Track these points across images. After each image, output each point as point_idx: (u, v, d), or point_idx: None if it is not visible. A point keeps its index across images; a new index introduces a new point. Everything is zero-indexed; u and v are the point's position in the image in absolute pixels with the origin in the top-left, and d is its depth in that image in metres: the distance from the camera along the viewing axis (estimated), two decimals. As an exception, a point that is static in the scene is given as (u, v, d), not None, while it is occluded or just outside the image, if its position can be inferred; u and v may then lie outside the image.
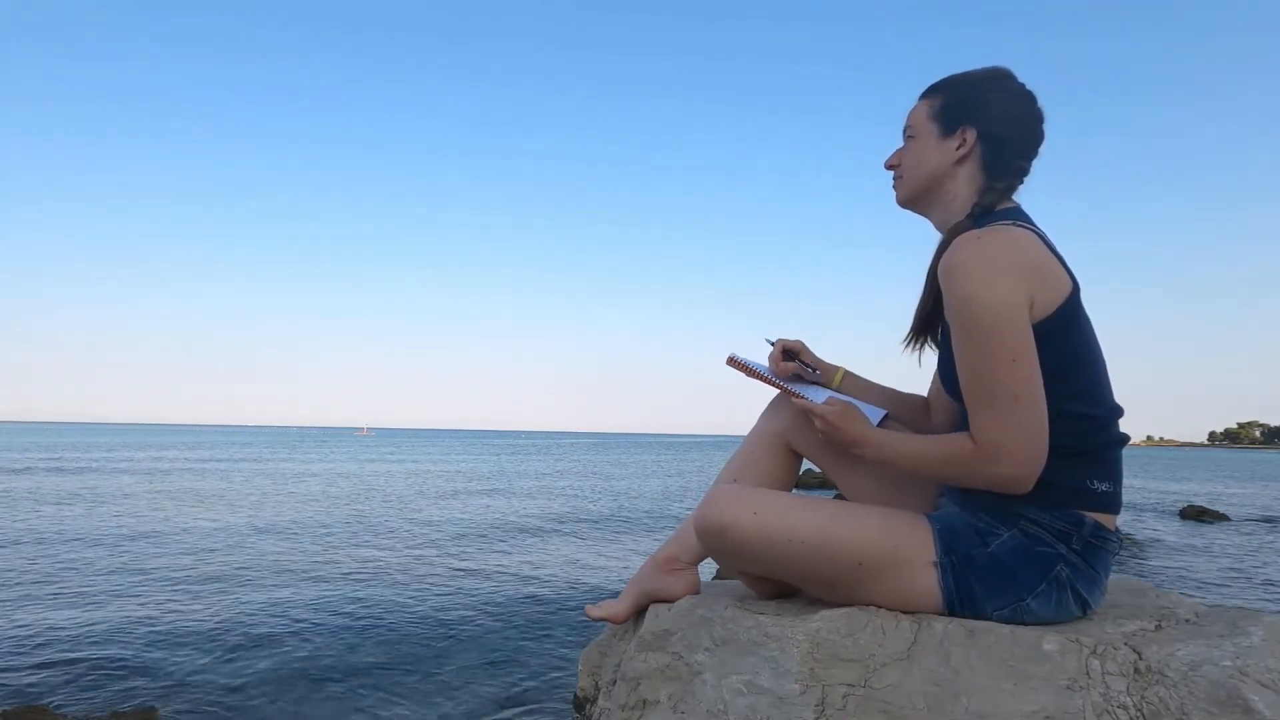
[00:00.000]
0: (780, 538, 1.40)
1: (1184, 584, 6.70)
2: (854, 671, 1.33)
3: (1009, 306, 1.27)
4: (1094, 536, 1.36)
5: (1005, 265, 1.29)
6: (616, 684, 1.60)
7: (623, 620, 1.74)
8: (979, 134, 1.47)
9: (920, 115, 1.53)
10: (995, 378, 1.28)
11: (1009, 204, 1.46)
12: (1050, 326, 1.32)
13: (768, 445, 1.69)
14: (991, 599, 1.36)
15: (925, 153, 1.51)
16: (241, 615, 4.72)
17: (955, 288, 1.30)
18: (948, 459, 1.35)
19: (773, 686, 1.35)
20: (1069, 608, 1.37)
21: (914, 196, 1.54)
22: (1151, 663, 1.22)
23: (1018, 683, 1.25)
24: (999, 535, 1.37)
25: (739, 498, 1.46)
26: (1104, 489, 1.37)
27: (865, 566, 1.39)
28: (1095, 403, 1.37)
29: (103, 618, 4.56)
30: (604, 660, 1.80)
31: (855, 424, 1.46)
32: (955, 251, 1.32)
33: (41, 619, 4.50)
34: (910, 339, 1.58)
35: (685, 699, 1.44)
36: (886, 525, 1.40)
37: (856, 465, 1.59)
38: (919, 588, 1.38)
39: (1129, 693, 1.20)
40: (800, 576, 1.46)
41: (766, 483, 1.67)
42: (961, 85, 1.50)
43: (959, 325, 1.31)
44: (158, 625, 4.42)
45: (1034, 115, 1.49)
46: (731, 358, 1.67)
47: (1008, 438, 1.28)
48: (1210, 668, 1.18)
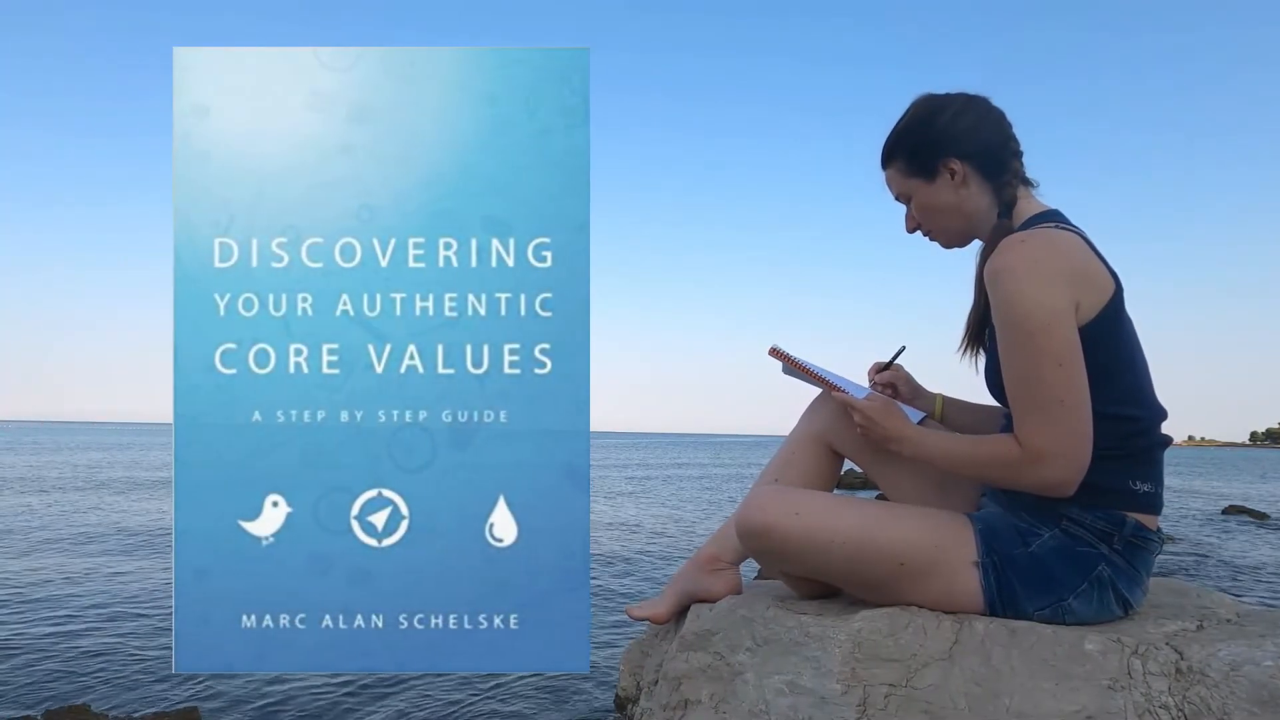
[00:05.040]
0: (821, 538, 1.41)
1: (1225, 584, 6.64)
2: (895, 671, 1.34)
3: (1054, 310, 1.27)
4: (1135, 536, 1.36)
5: (1050, 269, 1.29)
6: (658, 684, 1.62)
7: (664, 620, 1.73)
8: (958, 157, 1.47)
9: (898, 181, 1.54)
10: (1041, 382, 1.28)
11: (1046, 207, 1.47)
12: (1095, 329, 1.32)
13: (809, 445, 1.68)
14: (1033, 599, 1.36)
15: (931, 202, 1.51)
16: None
17: (1000, 292, 1.31)
18: (991, 461, 1.35)
19: (814, 686, 1.36)
20: (1110, 608, 1.37)
21: (953, 239, 1.56)
22: (1193, 663, 1.23)
23: (1059, 682, 1.25)
24: (1040, 535, 1.37)
25: (780, 498, 1.47)
26: (1146, 490, 1.38)
27: (907, 567, 1.39)
28: (1139, 404, 1.38)
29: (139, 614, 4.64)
30: (645, 660, 1.81)
31: (894, 420, 1.46)
32: (1000, 256, 1.33)
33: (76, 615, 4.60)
34: (965, 345, 1.57)
35: (727, 699, 1.45)
36: (928, 525, 1.41)
37: (898, 465, 1.58)
38: (960, 588, 1.39)
39: (1170, 693, 1.21)
40: (841, 577, 1.48)
41: (808, 483, 1.67)
42: (911, 135, 1.51)
43: (1004, 329, 1.32)
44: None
45: (981, 109, 1.49)
46: (774, 349, 1.66)
47: (1053, 442, 1.28)
48: (1252, 668, 1.18)
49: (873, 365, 1.75)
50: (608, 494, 15.68)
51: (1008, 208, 1.46)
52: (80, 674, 3.58)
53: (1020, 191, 1.48)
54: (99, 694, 3.34)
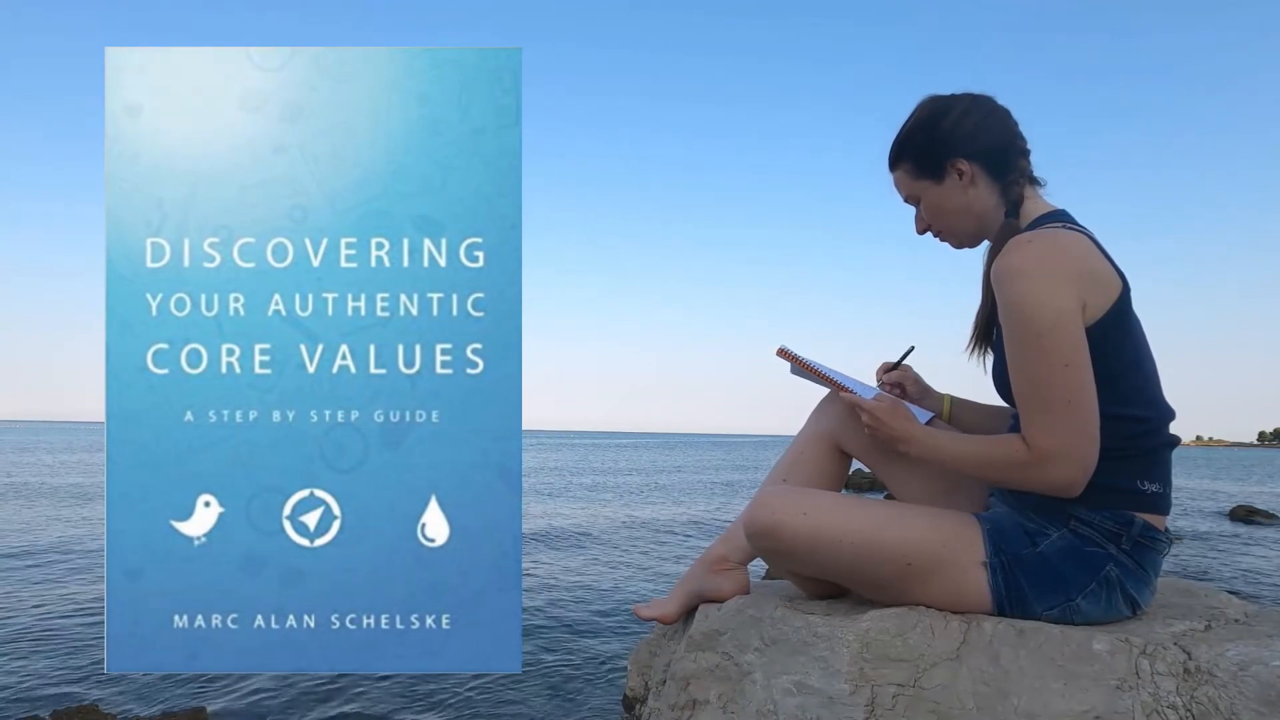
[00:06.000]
0: (829, 538, 1.41)
1: (1233, 584, 6.59)
2: (903, 671, 1.34)
3: (1062, 311, 1.27)
4: (1144, 536, 1.36)
5: (1057, 269, 1.29)
6: (666, 684, 1.63)
7: (672, 620, 1.74)
8: (965, 157, 1.47)
9: (907, 182, 1.54)
10: (1049, 382, 1.28)
11: (1054, 207, 1.47)
12: (1102, 329, 1.32)
13: (817, 445, 1.69)
14: (1041, 599, 1.36)
15: (940, 203, 1.51)
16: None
17: (1007, 292, 1.31)
18: (998, 461, 1.35)
19: (822, 686, 1.37)
20: (1118, 608, 1.37)
21: (963, 240, 1.55)
22: (1201, 663, 1.23)
23: (1067, 682, 1.25)
24: (1048, 535, 1.37)
25: (788, 498, 1.48)
26: (1154, 490, 1.38)
27: (914, 567, 1.40)
28: (1146, 405, 1.38)
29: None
30: (653, 660, 1.82)
31: (901, 420, 1.46)
32: (1007, 256, 1.33)
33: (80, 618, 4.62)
34: (972, 345, 1.57)
35: (735, 699, 1.46)
36: (935, 525, 1.41)
37: (906, 465, 1.59)
38: (968, 588, 1.39)
39: (1178, 693, 1.21)
40: (849, 577, 1.48)
41: (815, 483, 1.67)
42: (918, 136, 1.51)
43: (1012, 329, 1.32)
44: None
45: (986, 108, 1.49)
46: (782, 349, 1.66)
47: (1061, 442, 1.28)
48: (1260, 668, 1.19)
49: (881, 365, 1.75)
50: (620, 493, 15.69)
51: (1014, 207, 1.46)
52: (87, 673, 3.60)
53: (1027, 191, 1.48)
54: (107, 693, 3.35)
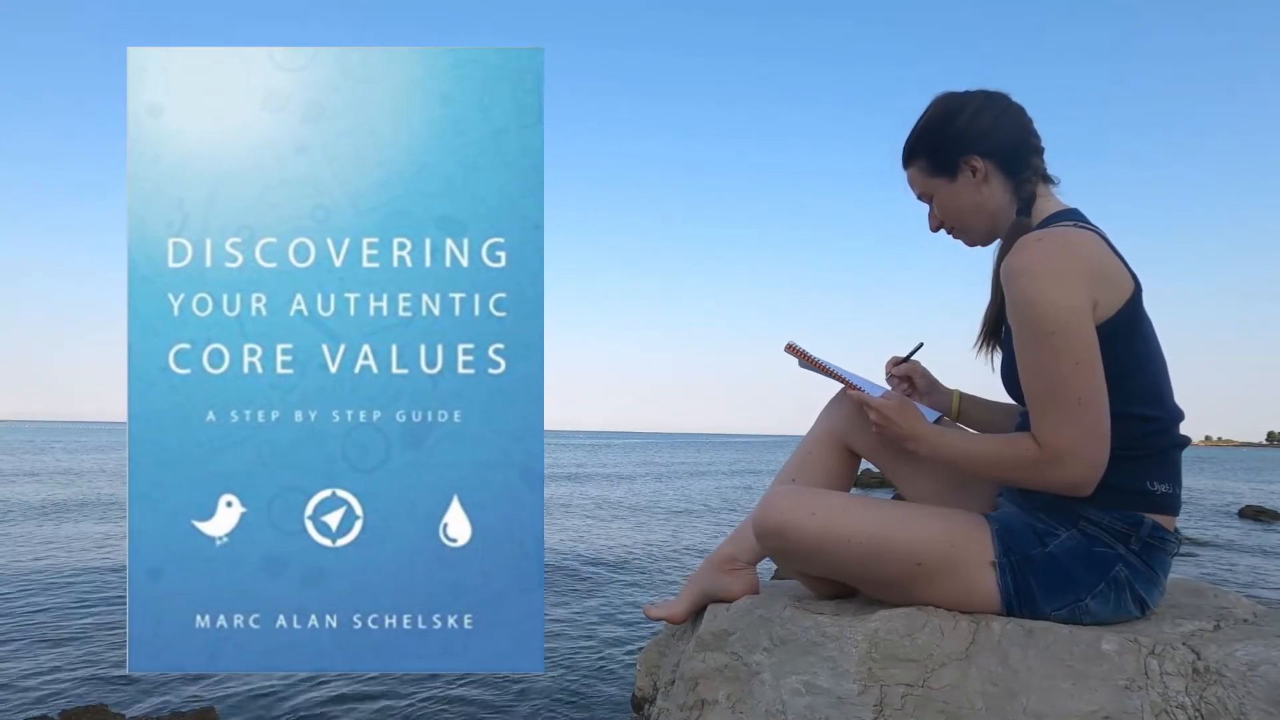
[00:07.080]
0: (838, 538, 1.41)
1: (1242, 584, 6.57)
2: (912, 671, 1.34)
3: (1071, 309, 1.27)
4: (1153, 537, 1.36)
5: (1067, 267, 1.28)
6: (675, 684, 1.63)
7: (681, 620, 1.74)
8: (979, 155, 1.47)
9: (920, 180, 1.54)
10: (1059, 381, 1.27)
11: (1066, 206, 1.46)
12: (1113, 328, 1.31)
13: (826, 444, 1.69)
14: (1050, 599, 1.36)
15: (953, 201, 1.51)
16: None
17: (1017, 291, 1.30)
18: (1008, 460, 1.34)
19: (831, 686, 1.37)
20: (1127, 608, 1.37)
21: (977, 238, 1.55)
22: (1210, 663, 1.23)
23: (1076, 682, 1.25)
24: (1057, 535, 1.37)
25: (796, 498, 1.47)
26: (1163, 490, 1.37)
27: (923, 567, 1.39)
28: (1156, 405, 1.37)
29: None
30: (662, 660, 1.82)
31: (910, 419, 1.45)
32: (1017, 254, 1.32)
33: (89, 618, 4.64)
34: (980, 342, 1.57)
35: (744, 699, 1.46)
36: (944, 525, 1.41)
37: (914, 464, 1.58)
38: (977, 588, 1.39)
39: (1187, 693, 1.21)
40: (858, 577, 1.47)
41: (824, 483, 1.67)
42: (931, 134, 1.50)
43: (1021, 328, 1.31)
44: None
45: (1000, 105, 1.48)
46: (790, 345, 1.66)
47: (1071, 441, 1.28)
48: (1268, 668, 1.19)
49: (890, 359, 1.75)
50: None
51: (1026, 204, 1.46)
52: (102, 673, 3.61)
53: (1040, 189, 1.47)
54: (116, 693, 3.36)
